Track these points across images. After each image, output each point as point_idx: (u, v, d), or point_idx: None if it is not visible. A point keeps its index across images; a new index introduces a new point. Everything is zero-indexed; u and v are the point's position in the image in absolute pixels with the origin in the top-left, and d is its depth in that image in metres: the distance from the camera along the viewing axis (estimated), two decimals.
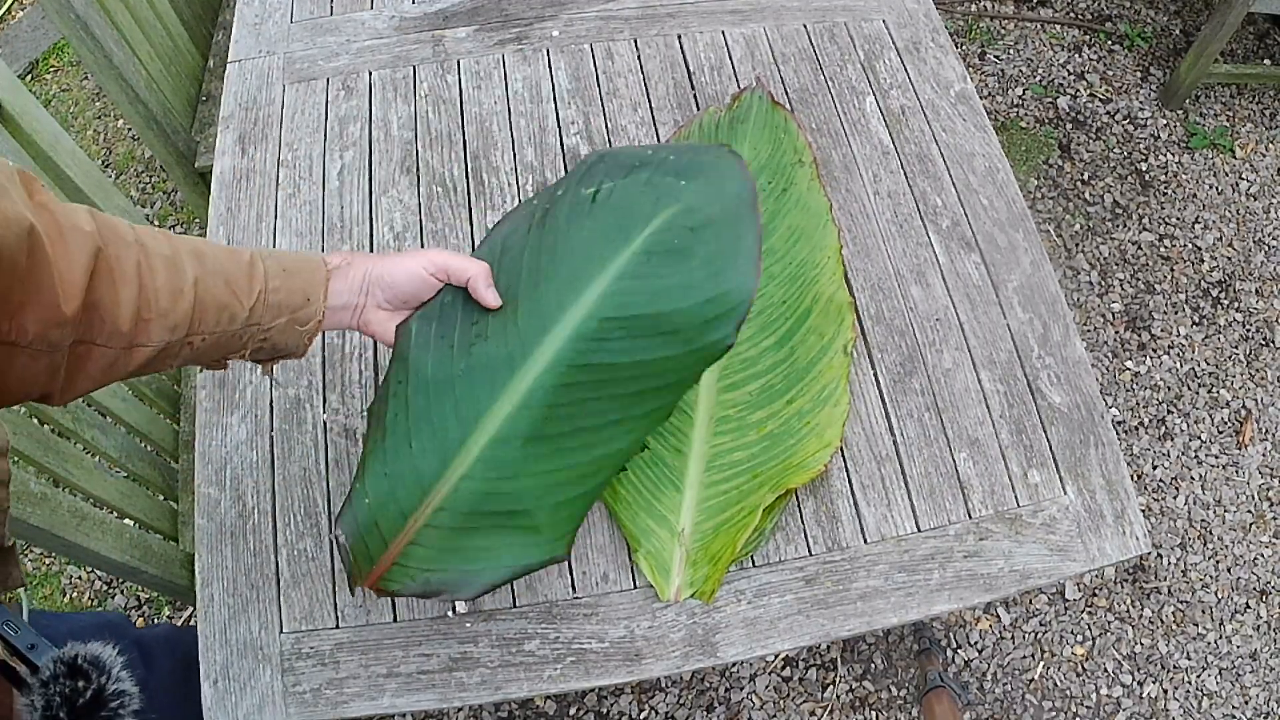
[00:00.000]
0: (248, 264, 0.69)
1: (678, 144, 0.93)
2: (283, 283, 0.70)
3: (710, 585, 0.86)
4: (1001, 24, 2.38)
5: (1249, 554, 1.71)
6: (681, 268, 0.82)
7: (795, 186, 1.08)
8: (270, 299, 0.69)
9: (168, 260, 0.63)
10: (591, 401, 0.80)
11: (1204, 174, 2.15)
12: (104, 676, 0.60)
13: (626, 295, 0.81)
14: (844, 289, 1.01)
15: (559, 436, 0.79)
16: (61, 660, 0.59)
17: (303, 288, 0.72)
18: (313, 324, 0.73)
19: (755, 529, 0.88)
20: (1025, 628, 1.64)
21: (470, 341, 0.80)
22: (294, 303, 0.71)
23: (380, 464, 0.79)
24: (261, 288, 0.69)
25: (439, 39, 1.23)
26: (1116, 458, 0.95)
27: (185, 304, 0.63)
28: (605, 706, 1.54)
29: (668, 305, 0.81)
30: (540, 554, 0.78)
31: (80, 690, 0.58)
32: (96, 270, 0.58)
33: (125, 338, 0.61)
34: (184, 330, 0.64)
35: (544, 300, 0.81)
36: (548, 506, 0.78)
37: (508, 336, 0.79)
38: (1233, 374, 1.89)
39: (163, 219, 2.06)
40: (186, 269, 0.64)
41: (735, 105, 1.14)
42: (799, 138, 1.11)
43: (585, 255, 0.83)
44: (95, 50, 1.38)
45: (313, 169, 1.12)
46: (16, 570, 0.59)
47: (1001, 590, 0.88)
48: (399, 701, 0.83)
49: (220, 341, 0.68)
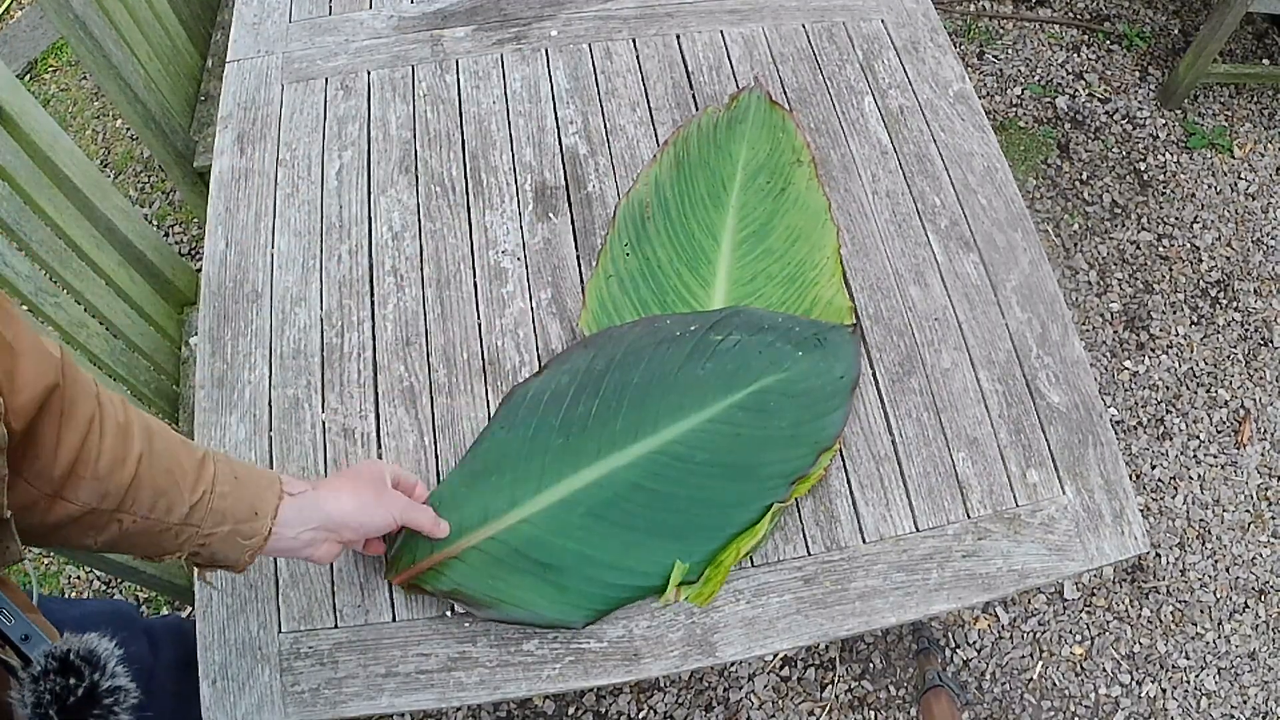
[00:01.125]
0: (199, 461, 0.68)
1: (806, 318, 0.99)
2: (232, 489, 0.69)
3: (710, 589, 0.86)
4: (1000, 24, 2.38)
5: (1247, 554, 1.72)
6: (768, 426, 0.92)
7: (794, 186, 1.08)
8: (215, 503, 0.67)
9: (120, 427, 0.63)
10: (648, 512, 0.89)
11: (1202, 174, 2.15)
12: (98, 673, 0.58)
13: (712, 437, 0.92)
14: (843, 293, 1.01)
15: (612, 525, 0.88)
16: (53, 655, 0.58)
17: (251, 501, 0.70)
18: (256, 539, 0.70)
19: (762, 536, 0.88)
20: (1024, 627, 1.64)
21: (573, 424, 0.92)
22: (239, 513, 0.69)
23: (459, 482, 0.90)
24: (208, 489, 0.67)
25: (437, 39, 1.23)
26: (1115, 457, 0.95)
27: (124, 475, 0.62)
28: (604, 706, 1.54)
29: (743, 455, 0.91)
30: (555, 613, 0.85)
31: (71, 688, 0.57)
32: (49, 404, 0.58)
33: (53, 483, 0.59)
34: (115, 502, 0.62)
35: (645, 415, 0.93)
36: (580, 577, 0.86)
37: (604, 433, 0.92)
38: (1231, 374, 1.89)
39: (161, 219, 2.06)
40: (135, 442, 0.63)
41: (733, 105, 1.14)
42: (797, 137, 1.11)
43: (692, 391, 0.94)
44: (94, 50, 1.38)
45: (311, 169, 1.12)
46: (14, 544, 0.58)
47: (1000, 590, 0.88)
48: (397, 701, 0.83)
49: (153, 531, 0.65)
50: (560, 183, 1.11)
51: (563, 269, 1.05)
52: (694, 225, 1.06)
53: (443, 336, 1.01)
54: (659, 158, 1.11)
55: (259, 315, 1.02)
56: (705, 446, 0.91)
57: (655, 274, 1.03)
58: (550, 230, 1.08)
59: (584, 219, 1.09)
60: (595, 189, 1.11)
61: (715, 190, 1.08)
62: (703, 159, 1.10)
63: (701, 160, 1.10)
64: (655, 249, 1.04)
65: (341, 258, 1.06)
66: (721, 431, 0.92)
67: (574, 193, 1.10)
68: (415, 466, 0.94)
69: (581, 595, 0.86)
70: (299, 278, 1.04)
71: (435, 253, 1.06)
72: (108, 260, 1.26)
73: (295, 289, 1.03)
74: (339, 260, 1.05)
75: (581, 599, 0.86)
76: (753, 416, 0.93)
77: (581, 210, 1.09)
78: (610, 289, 1.02)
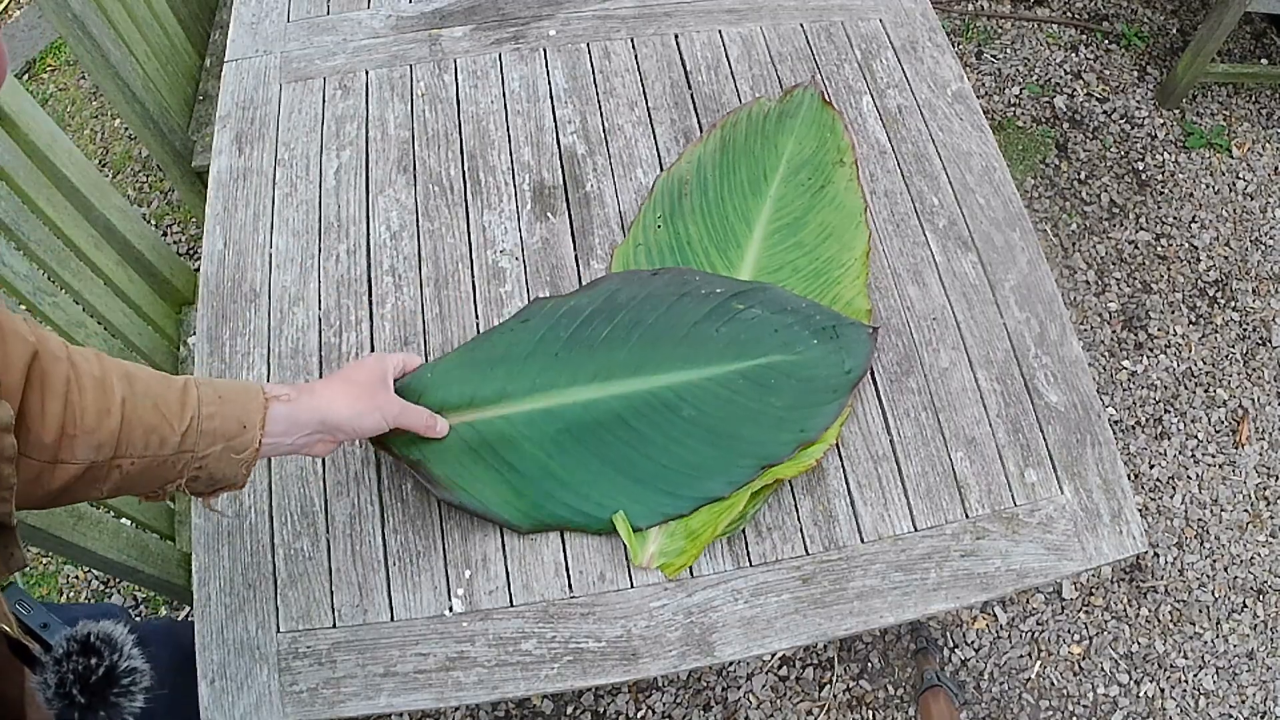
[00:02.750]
0: (180, 389, 0.69)
1: (827, 308, 1.00)
2: (217, 409, 0.70)
3: (683, 560, 0.87)
4: (998, 23, 2.38)
5: (1246, 553, 1.72)
6: (762, 401, 0.93)
7: (833, 185, 1.09)
8: (204, 425, 0.68)
9: (96, 380, 0.63)
10: (622, 448, 0.91)
11: (1201, 173, 2.15)
12: (116, 654, 0.60)
13: (706, 396, 0.93)
14: (864, 295, 1.01)
15: (584, 450, 0.90)
16: (74, 639, 0.60)
17: (238, 415, 0.71)
18: (249, 452, 0.71)
19: (740, 512, 0.88)
20: (1022, 627, 1.64)
21: (580, 342, 0.95)
22: (229, 430, 0.70)
23: (457, 361, 0.94)
24: (194, 414, 0.68)
25: (435, 38, 1.22)
26: (1113, 457, 0.95)
27: (112, 423, 0.63)
28: (602, 706, 1.54)
29: (728, 424, 0.92)
30: (506, 513, 0.89)
31: (93, 668, 0.59)
32: (29, 376, 0.59)
33: (49, 450, 0.60)
34: (110, 450, 0.63)
35: (650, 356, 0.95)
36: (539, 490, 0.89)
37: (607, 359, 0.94)
38: (1229, 373, 1.89)
39: (159, 218, 2.06)
40: (115, 390, 0.64)
41: (787, 99, 1.15)
42: (843, 138, 1.13)
43: (701, 348, 0.95)
44: (92, 49, 1.38)
45: (309, 168, 1.12)
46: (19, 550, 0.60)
47: (998, 589, 0.88)
48: (396, 701, 0.83)
49: (151, 468, 0.66)
50: (558, 182, 1.11)
51: (561, 269, 1.05)
52: (729, 209, 1.08)
53: (440, 336, 1.00)
54: (705, 138, 1.12)
55: (257, 315, 1.02)
56: (697, 403, 0.93)
57: (684, 249, 1.04)
58: (548, 230, 1.08)
59: (582, 219, 1.09)
60: (593, 189, 1.11)
61: (756, 179, 1.10)
62: (748, 147, 1.12)
63: (747, 148, 1.12)
64: (688, 225, 1.06)
65: (339, 257, 1.06)
66: (717, 394, 0.93)
67: (572, 192, 1.10)
68: None
69: (534, 506, 0.89)
70: (297, 277, 1.04)
71: (433, 252, 1.06)
72: (106, 260, 1.26)
73: (293, 288, 1.03)
74: (337, 260, 1.05)
75: (533, 509, 0.89)
76: (751, 388, 0.94)
77: (580, 210, 1.09)
78: (637, 257, 1.04)
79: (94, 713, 0.59)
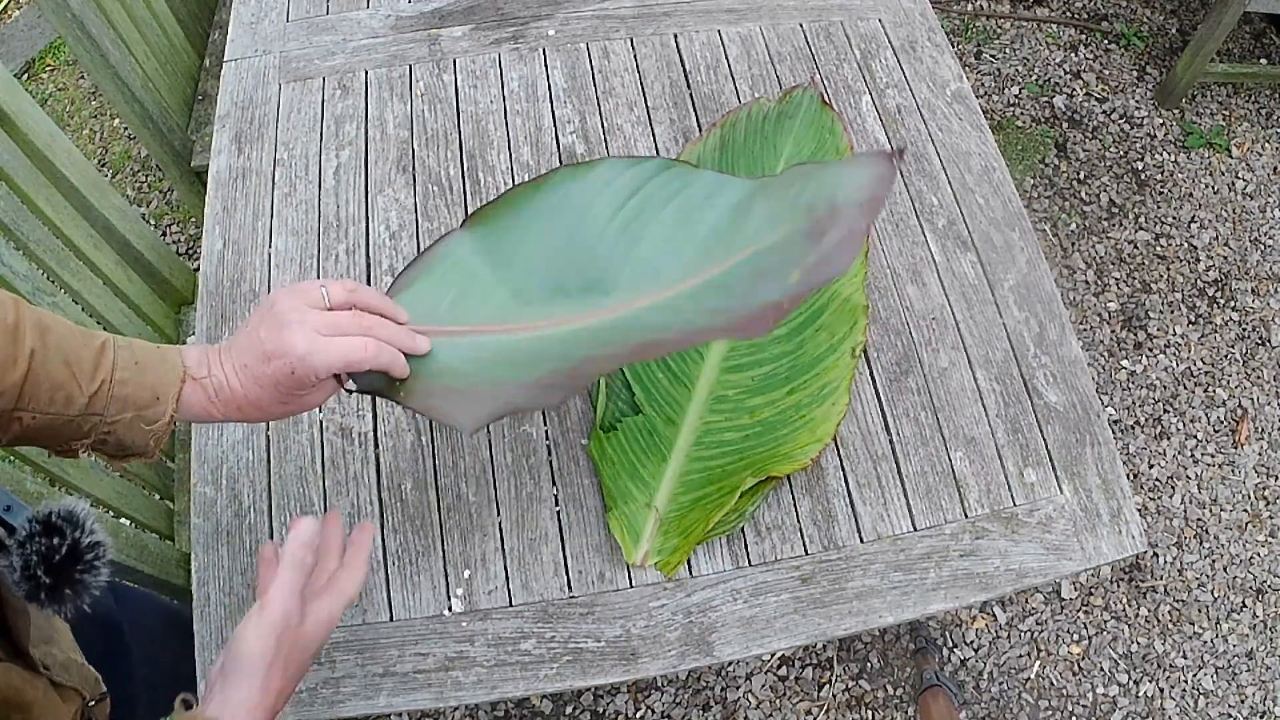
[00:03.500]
0: (97, 349, 0.66)
1: None
2: (133, 375, 0.66)
3: (677, 558, 0.87)
4: (997, 23, 2.38)
5: (1245, 553, 1.72)
6: None
7: None
8: (116, 391, 0.65)
9: (8, 328, 0.61)
10: None
11: (1200, 173, 2.15)
12: (78, 531, 0.60)
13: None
14: (861, 292, 1.01)
15: None
16: (36, 519, 0.59)
17: (152, 385, 0.67)
18: (159, 425, 0.67)
19: (731, 510, 0.88)
20: (1021, 627, 1.64)
21: None
22: (141, 399, 0.67)
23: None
24: (106, 377, 0.65)
25: (435, 38, 1.22)
26: (1112, 457, 0.95)
27: (16, 375, 0.61)
28: (601, 706, 1.55)
29: None
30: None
31: (55, 547, 0.58)
32: None
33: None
34: (10, 402, 0.61)
35: None
36: None
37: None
38: (1229, 373, 1.90)
39: (158, 218, 2.06)
40: (25, 340, 0.62)
41: (786, 100, 1.15)
42: (843, 139, 1.12)
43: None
44: (91, 49, 1.38)
45: (309, 168, 1.12)
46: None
47: (997, 589, 0.88)
48: (395, 701, 0.83)
49: (55, 425, 0.64)
50: None
51: None
52: None
53: None
54: (704, 138, 1.12)
55: None
56: None
57: None
58: None
59: None
60: None
61: None
62: (747, 147, 1.12)
63: (746, 148, 1.12)
64: None
65: (339, 257, 1.05)
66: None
67: None
68: (413, 466, 0.94)
69: None
70: (296, 277, 1.04)
71: None
72: (105, 260, 1.26)
73: None
74: (336, 260, 1.05)
75: None
76: None
77: None
78: None
79: (59, 591, 0.58)
